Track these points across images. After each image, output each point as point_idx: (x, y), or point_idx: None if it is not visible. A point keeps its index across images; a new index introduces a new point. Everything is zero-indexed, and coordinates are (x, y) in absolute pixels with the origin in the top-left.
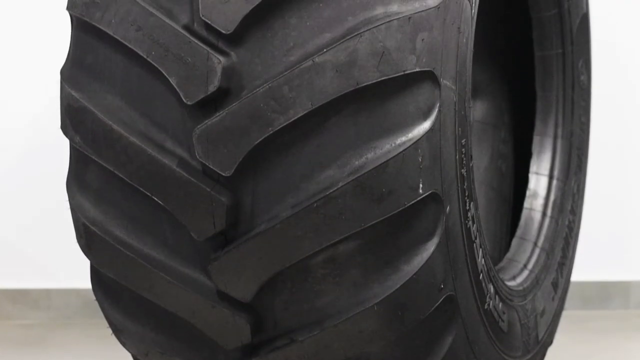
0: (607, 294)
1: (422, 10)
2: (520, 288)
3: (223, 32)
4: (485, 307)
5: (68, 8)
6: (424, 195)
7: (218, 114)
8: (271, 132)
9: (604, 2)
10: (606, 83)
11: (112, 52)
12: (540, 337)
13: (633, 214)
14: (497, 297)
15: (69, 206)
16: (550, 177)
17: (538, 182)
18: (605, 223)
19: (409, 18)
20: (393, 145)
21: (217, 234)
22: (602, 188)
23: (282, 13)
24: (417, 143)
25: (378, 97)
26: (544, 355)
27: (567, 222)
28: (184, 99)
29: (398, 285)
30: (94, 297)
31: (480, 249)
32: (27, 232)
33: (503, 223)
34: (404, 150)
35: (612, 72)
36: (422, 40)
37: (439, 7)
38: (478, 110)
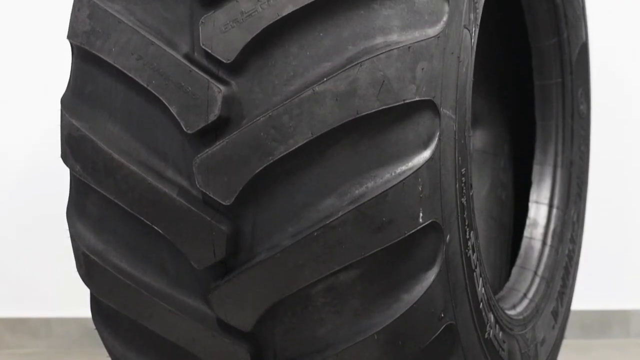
0: (607, 323)
1: (422, 40)
2: (521, 317)
3: (223, 61)
4: (486, 336)
5: (69, 37)
6: (424, 224)
7: (218, 142)
8: (271, 161)
9: (603, 32)
10: (606, 112)
11: (112, 81)
12: None
13: (632, 243)
14: (497, 326)
15: (68, 235)
16: (550, 206)
17: (538, 211)
18: (604, 251)
19: (409, 47)
20: (393, 174)
21: (217, 263)
22: (602, 216)
23: (282, 42)
24: (417, 172)
25: (378, 126)
26: None
27: (567, 251)
28: (184, 128)
29: (398, 315)
30: (93, 326)
31: (481, 278)
32: (27, 260)
33: (503, 252)
34: (404, 180)
35: (612, 102)
36: (422, 69)
37: (438, 37)
38: (478, 139)
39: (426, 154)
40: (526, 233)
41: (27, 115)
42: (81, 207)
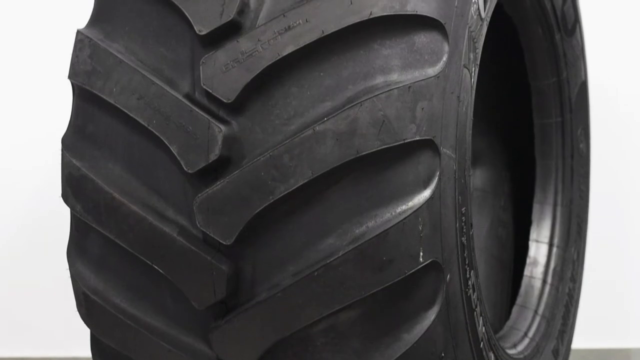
0: None
1: (422, 80)
2: (521, 356)
3: (224, 101)
4: None
5: (70, 77)
6: (424, 264)
7: (219, 182)
8: (272, 200)
9: (602, 71)
10: (605, 150)
11: (113, 120)
12: None
13: (632, 281)
14: None
15: (69, 274)
16: (550, 245)
17: (538, 250)
18: (605, 290)
19: (409, 87)
20: (393, 213)
21: (217, 303)
22: (601, 254)
23: (283, 82)
24: (417, 211)
25: (378, 166)
26: None
27: (567, 290)
28: (185, 168)
29: (399, 354)
30: None
31: (481, 317)
32: (27, 299)
33: (503, 290)
34: (404, 219)
35: (611, 140)
36: (422, 109)
37: (438, 76)
38: (478, 178)
39: (426, 194)
40: (526, 272)
41: (27, 155)
42: (82, 246)
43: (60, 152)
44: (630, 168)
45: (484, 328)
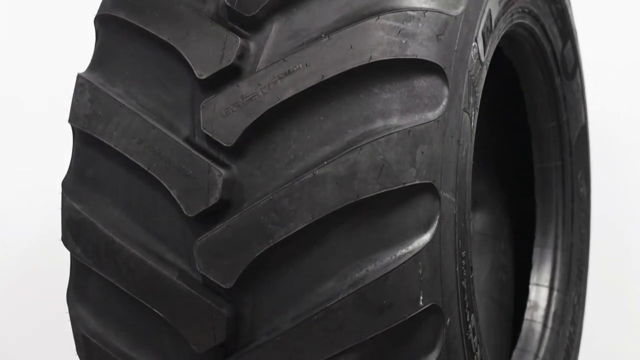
0: None
1: (422, 123)
2: None
3: (224, 144)
4: None
5: (70, 120)
6: (424, 308)
7: (219, 226)
8: (272, 244)
9: (602, 115)
10: (605, 194)
11: (113, 164)
12: None
13: (633, 325)
14: None
15: (69, 318)
16: (551, 289)
17: (538, 294)
18: (605, 334)
19: (409, 131)
20: (393, 257)
21: (217, 346)
22: (602, 298)
23: (283, 126)
24: (417, 255)
25: (378, 210)
26: None
27: (567, 334)
28: (185, 211)
29: None
30: None
31: None
32: (27, 344)
33: (504, 334)
34: (404, 263)
35: (612, 184)
36: (422, 153)
37: (438, 120)
38: (478, 221)
39: (426, 237)
40: (527, 315)
41: (27, 199)
42: (81, 290)
43: (60, 196)
44: (631, 212)
45: None
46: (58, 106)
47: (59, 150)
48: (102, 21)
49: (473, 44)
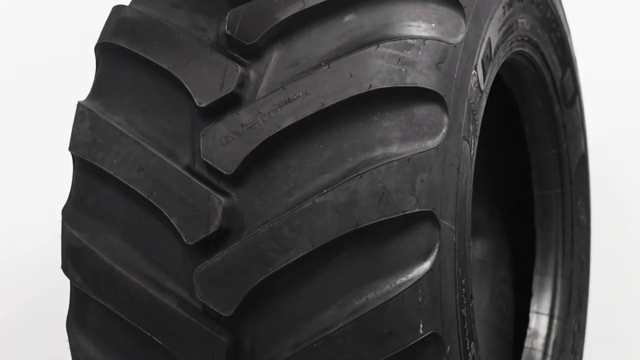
0: None
1: (422, 152)
2: None
3: (224, 172)
4: None
5: (70, 148)
6: (424, 336)
7: (219, 254)
8: (271, 272)
9: (602, 143)
10: (605, 221)
11: (113, 192)
12: None
13: (633, 353)
14: None
15: (69, 346)
16: (551, 317)
17: (538, 322)
18: None
19: (409, 159)
20: (393, 285)
21: None
22: (602, 325)
23: (282, 154)
24: (417, 283)
25: (378, 238)
26: None
27: None
28: (184, 239)
29: None
30: None
31: None
32: None
33: None
34: (404, 291)
35: (611, 212)
36: (422, 181)
37: (438, 148)
38: (478, 249)
39: (426, 265)
40: (527, 343)
41: (27, 227)
42: (81, 318)
43: (60, 224)
44: (631, 239)
45: None
46: (58, 134)
47: (58, 178)
48: (103, 49)
49: (473, 72)
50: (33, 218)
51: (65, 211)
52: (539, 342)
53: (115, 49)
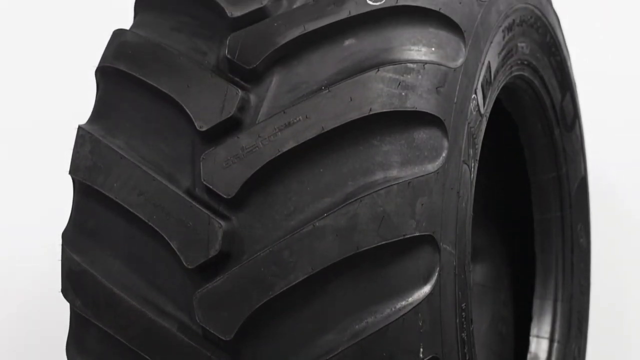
0: None
1: (422, 175)
2: None
3: (224, 196)
4: None
5: (70, 172)
6: None
7: (219, 278)
8: (272, 296)
9: (602, 167)
10: (605, 245)
11: (113, 215)
12: None
13: None
14: None
15: None
16: (551, 341)
17: (539, 346)
18: None
19: (409, 183)
20: (393, 309)
21: None
22: (602, 350)
23: (283, 178)
24: (417, 307)
25: (378, 261)
26: None
27: None
28: (184, 263)
29: None
30: None
31: None
32: None
33: None
34: (404, 315)
35: (611, 235)
36: (422, 204)
37: (438, 172)
38: (478, 273)
39: (426, 289)
40: None
41: (27, 251)
42: (81, 341)
43: (60, 247)
44: (632, 263)
45: None
46: (59, 158)
47: (59, 201)
48: (103, 73)
49: (472, 96)
50: (33, 242)
51: (66, 235)
52: None
53: (116, 73)
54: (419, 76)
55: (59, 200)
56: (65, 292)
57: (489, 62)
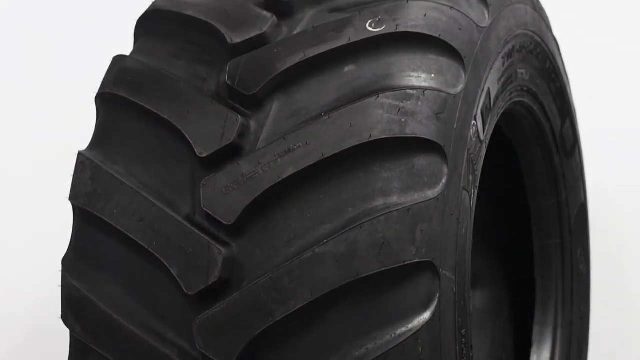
0: None
1: (422, 202)
2: None
3: (224, 223)
4: None
5: (70, 198)
6: None
7: (218, 304)
8: (271, 322)
9: (602, 193)
10: (605, 269)
11: (113, 242)
12: None
13: None
14: None
15: None
16: None
17: None
18: None
19: (409, 209)
20: (393, 335)
21: None
22: None
23: (283, 204)
24: (417, 334)
25: (378, 288)
26: None
27: None
28: (184, 289)
29: None
30: None
31: None
32: None
33: None
34: (403, 341)
35: (611, 261)
36: (422, 231)
37: (438, 199)
38: (478, 299)
39: (426, 316)
40: None
41: (27, 278)
42: None
43: (60, 273)
44: (631, 289)
45: None
46: (59, 184)
47: (59, 228)
48: (103, 99)
49: (472, 123)
50: (33, 268)
51: (66, 261)
52: None
53: (116, 99)
54: (418, 102)
55: (59, 227)
56: (65, 318)
57: (488, 89)
